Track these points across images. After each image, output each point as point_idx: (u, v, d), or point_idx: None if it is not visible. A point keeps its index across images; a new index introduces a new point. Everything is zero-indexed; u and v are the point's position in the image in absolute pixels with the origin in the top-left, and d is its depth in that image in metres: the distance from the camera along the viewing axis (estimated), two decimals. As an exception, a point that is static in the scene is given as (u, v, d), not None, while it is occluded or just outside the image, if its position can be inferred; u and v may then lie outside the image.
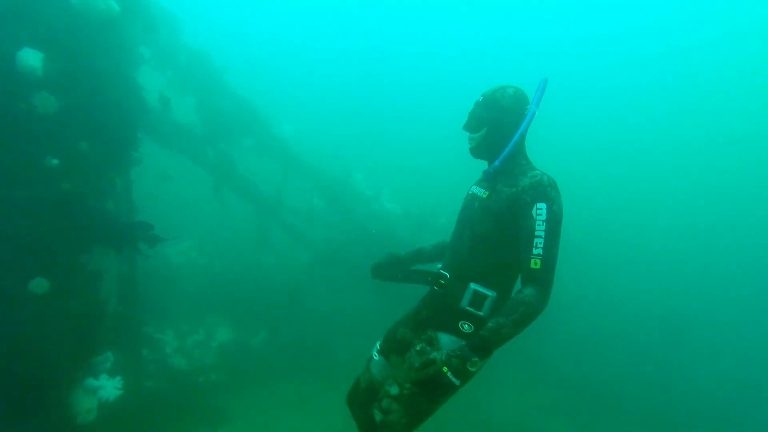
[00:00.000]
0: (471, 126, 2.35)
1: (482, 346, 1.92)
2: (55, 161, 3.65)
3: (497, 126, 2.27)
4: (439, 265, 2.49)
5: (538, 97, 2.24)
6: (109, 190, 3.96)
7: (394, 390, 2.26)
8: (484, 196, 2.30)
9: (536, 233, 2.02)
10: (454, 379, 1.89)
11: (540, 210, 2.04)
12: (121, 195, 4.30)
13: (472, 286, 2.23)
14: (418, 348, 2.24)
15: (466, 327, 2.21)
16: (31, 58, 3.43)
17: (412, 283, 2.57)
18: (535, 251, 2.00)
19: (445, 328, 2.25)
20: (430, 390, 1.93)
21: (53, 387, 3.83)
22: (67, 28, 3.52)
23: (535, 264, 1.98)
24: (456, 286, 2.29)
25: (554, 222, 2.03)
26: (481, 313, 2.21)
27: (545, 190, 2.08)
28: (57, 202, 3.64)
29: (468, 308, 2.23)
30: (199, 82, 7.88)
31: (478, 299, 2.21)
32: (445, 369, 1.89)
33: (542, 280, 1.98)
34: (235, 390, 7.88)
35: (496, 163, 2.28)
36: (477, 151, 2.40)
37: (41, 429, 3.76)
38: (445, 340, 2.23)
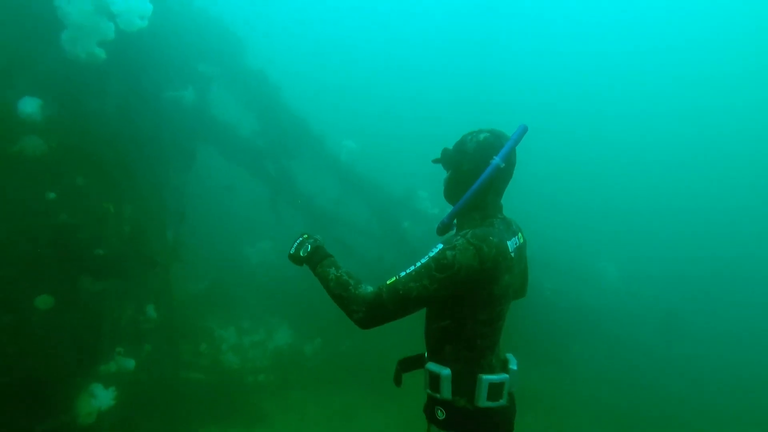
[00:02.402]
0: (444, 166, 2.13)
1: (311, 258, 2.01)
2: (52, 195, 4.05)
3: (457, 172, 2.04)
4: None
5: (507, 148, 1.91)
6: (104, 219, 4.29)
7: None
8: None
9: (417, 261, 1.79)
10: None
11: (435, 248, 1.80)
12: (122, 221, 4.63)
13: (427, 365, 2.00)
14: None
15: (439, 413, 1.94)
16: (29, 106, 3.84)
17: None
18: (400, 271, 1.78)
19: (431, 419, 2.00)
20: None
21: (56, 391, 4.36)
22: (61, 75, 3.88)
23: (390, 279, 1.77)
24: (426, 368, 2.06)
25: (435, 261, 1.74)
26: (440, 396, 1.92)
27: (454, 239, 1.84)
28: (54, 231, 4.04)
29: (428, 392, 2.00)
30: (260, 99, 8.28)
31: (433, 380, 1.95)
32: None
33: (380, 288, 1.76)
34: (279, 393, 8.18)
35: (444, 219, 2.05)
36: (444, 194, 2.15)
37: (46, 428, 4.30)
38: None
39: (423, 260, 1.77)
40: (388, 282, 1.76)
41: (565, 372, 9.19)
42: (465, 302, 1.83)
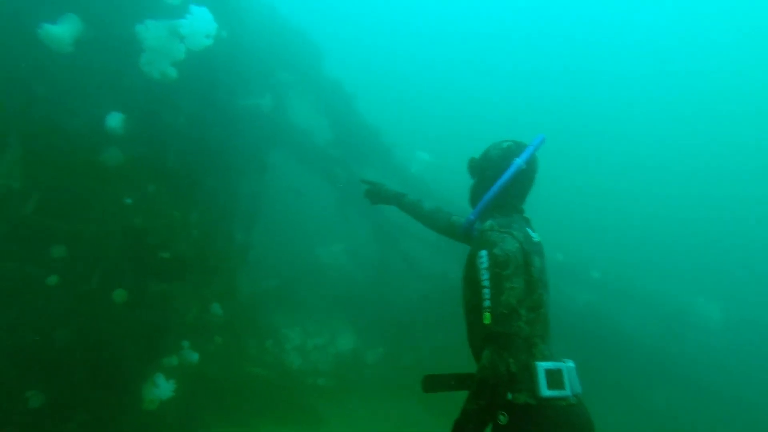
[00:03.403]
0: (471, 176, 2.35)
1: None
2: (129, 200, 4.45)
3: (482, 178, 2.24)
4: None
5: (527, 152, 2.13)
6: (171, 225, 4.62)
7: None
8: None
9: (482, 284, 1.84)
10: None
11: (481, 258, 1.89)
12: (189, 227, 4.95)
13: (477, 372, 1.89)
14: None
15: (501, 418, 1.82)
16: (114, 120, 4.24)
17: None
18: (484, 305, 1.81)
19: (494, 428, 1.86)
20: None
21: (125, 377, 4.79)
22: (139, 93, 4.24)
23: (486, 318, 1.78)
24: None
25: (497, 266, 1.84)
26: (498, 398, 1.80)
27: (486, 236, 1.96)
28: (130, 233, 4.43)
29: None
30: (335, 106, 8.45)
31: None
32: None
33: (494, 335, 1.76)
34: (336, 398, 8.29)
35: (470, 216, 2.23)
36: (470, 201, 2.37)
37: (114, 411, 4.75)
38: None
39: (485, 276, 1.84)
40: (487, 321, 1.77)
41: (646, 422, 8.15)
42: None
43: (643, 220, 19.94)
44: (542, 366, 1.80)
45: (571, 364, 1.92)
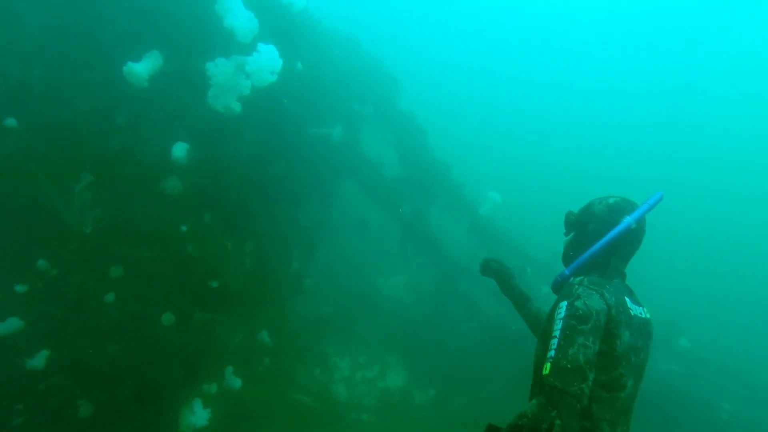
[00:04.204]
0: (566, 231, 2.21)
1: None
2: (184, 228, 4.54)
3: (582, 232, 2.10)
4: None
5: (641, 211, 1.98)
6: (222, 255, 4.65)
7: None
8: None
9: (553, 333, 1.70)
10: None
11: (560, 309, 1.74)
12: (243, 256, 4.97)
13: None
14: None
15: None
16: (179, 150, 4.38)
17: None
18: (548, 354, 1.65)
19: None
20: None
21: (165, 400, 4.86)
22: (205, 125, 4.35)
23: (546, 369, 1.63)
24: None
25: (573, 318, 1.68)
26: None
27: (572, 288, 1.80)
28: (182, 260, 4.52)
29: None
30: (406, 140, 8.28)
31: None
32: None
33: (548, 388, 1.58)
34: (377, 434, 7.96)
35: (565, 271, 2.05)
36: (563, 258, 2.20)
37: (153, 430, 4.83)
38: None
39: (558, 326, 1.67)
40: (546, 372, 1.60)
41: None
42: None
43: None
44: None
45: None
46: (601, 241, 1.95)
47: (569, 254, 2.13)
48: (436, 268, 8.68)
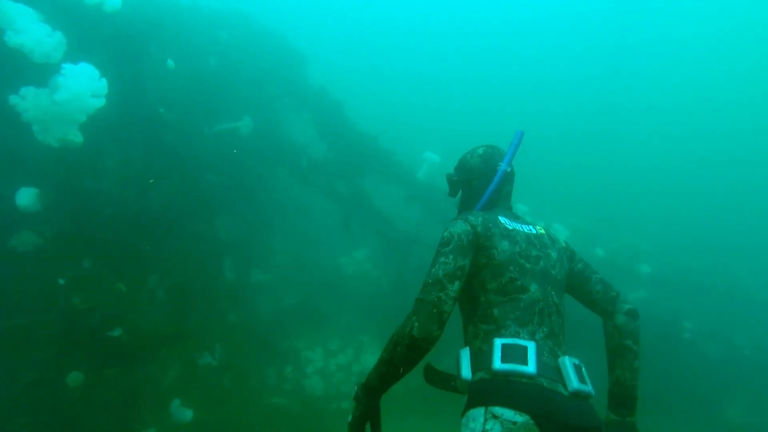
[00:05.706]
0: (450, 192, 2.34)
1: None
2: (62, 281, 3.99)
3: (469, 188, 2.26)
4: None
5: (510, 154, 2.20)
6: (119, 299, 4.14)
7: None
8: None
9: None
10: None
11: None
12: (150, 293, 4.47)
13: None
14: None
15: (466, 395, 1.90)
16: (25, 198, 3.75)
17: None
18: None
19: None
20: None
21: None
22: (51, 163, 3.71)
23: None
24: None
25: (439, 245, 1.89)
26: (462, 377, 1.86)
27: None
28: (69, 315, 4.00)
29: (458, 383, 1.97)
30: (323, 116, 7.67)
31: (456, 366, 1.93)
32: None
33: (415, 301, 1.79)
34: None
35: None
36: (459, 212, 2.32)
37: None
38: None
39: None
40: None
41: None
42: (475, 276, 1.89)
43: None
44: (499, 341, 1.79)
45: (575, 360, 1.80)
46: (486, 192, 2.12)
47: (466, 209, 2.24)
48: (383, 240, 8.31)
